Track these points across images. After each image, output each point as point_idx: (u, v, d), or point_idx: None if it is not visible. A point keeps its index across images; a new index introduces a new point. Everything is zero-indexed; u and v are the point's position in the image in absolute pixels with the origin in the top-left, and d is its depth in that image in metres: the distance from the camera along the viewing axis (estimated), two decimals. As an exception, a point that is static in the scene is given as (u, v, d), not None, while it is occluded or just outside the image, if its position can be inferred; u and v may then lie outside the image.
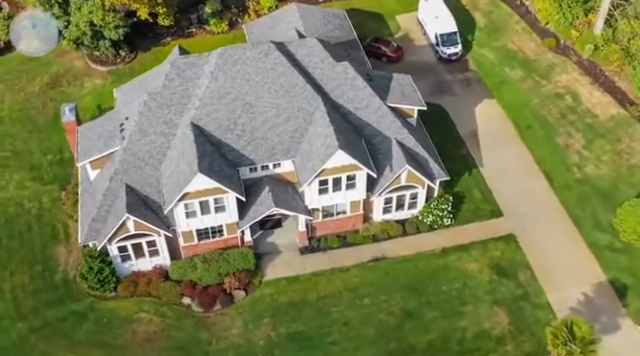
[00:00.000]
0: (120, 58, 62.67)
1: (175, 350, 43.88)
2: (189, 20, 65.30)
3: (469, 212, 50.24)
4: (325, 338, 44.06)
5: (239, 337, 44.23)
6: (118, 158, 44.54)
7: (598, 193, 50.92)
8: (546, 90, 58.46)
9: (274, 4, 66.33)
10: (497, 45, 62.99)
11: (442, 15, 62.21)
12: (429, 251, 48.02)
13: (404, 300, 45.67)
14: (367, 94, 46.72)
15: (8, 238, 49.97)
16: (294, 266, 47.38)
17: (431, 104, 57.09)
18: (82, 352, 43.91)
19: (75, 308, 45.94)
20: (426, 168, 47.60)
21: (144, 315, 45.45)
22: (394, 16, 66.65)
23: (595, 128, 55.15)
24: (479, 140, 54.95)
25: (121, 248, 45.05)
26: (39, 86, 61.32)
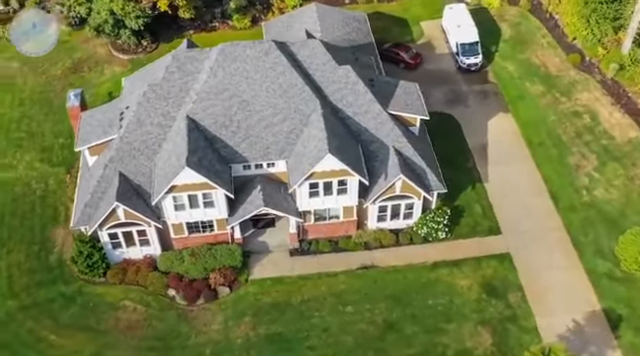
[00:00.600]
0: (142, 47, 63.52)
1: (155, 340, 44.20)
2: (212, 14, 65.72)
3: (467, 227, 49.10)
4: (303, 342, 43.72)
5: (218, 333, 44.28)
6: (114, 146, 45.12)
7: (604, 218, 49.07)
8: (565, 108, 56.66)
9: (298, 3, 66.17)
10: (520, 58, 61.36)
11: (464, 24, 60.97)
12: (420, 263, 47.15)
13: (388, 311, 44.95)
14: (367, 100, 46.11)
15: (11, 216, 51.21)
16: (282, 267, 47.17)
17: (443, 114, 56.66)
18: (66, 334, 44.63)
19: (64, 290, 46.76)
20: (423, 179, 46.72)
21: (129, 303, 45.94)
22: (419, 22, 65.69)
23: (610, 150, 53.16)
24: (488, 154, 53.65)
25: (112, 235, 45.64)
26: (61, 70, 62.72)
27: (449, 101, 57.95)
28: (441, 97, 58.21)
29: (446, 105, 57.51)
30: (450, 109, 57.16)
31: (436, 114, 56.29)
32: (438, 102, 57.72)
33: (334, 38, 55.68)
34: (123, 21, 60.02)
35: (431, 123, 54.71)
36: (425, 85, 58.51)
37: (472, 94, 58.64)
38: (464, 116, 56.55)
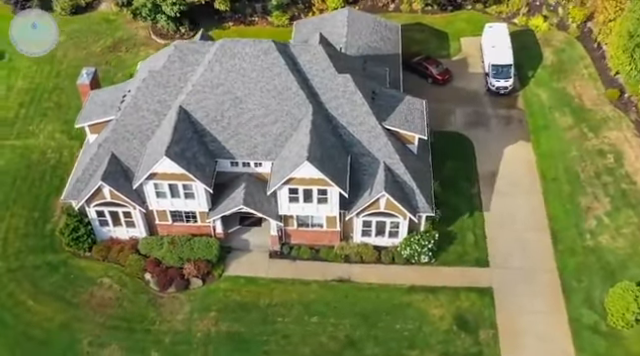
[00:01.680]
0: (179, 34, 64.78)
1: (121, 320, 45.05)
2: (254, 8, 66.15)
3: (454, 254, 47.30)
4: (261, 346, 43.45)
5: (181, 323, 44.67)
6: (111, 127, 46.29)
7: (603, 267, 46.03)
8: (590, 144, 53.47)
9: (340, 5, 65.56)
10: (556, 86, 58.36)
11: (500, 45, 58.57)
12: (397, 284, 45.84)
13: (352, 328, 43.97)
14: (363, 111, 45.13)
15: (22, 181, 53.46)
16: (258, 268, 47.03)
17: (460, 135, 54.84)
18: (43, 301, 46.17)
19: (51, 259, 48.36)
20: (410, 199, 45.32)
21: (107, 280, 47.05)
22: (459, 38, 63.66)
23: (628, 196, 49.73)
24: (496, 182, 51.42)
25: (99, 212, 46.87)
26: (101, 48, 64.94)
27: (470, 123, 55.91)
28: (462, 118, 56.26)
29: (465, 126, 55.55)
30: (469, 131, 55.16)
31: (453, 134, 54.89)
32: (458, 122, 55.86)
33: (358, 44, 55.06)
34: (161, 6, 61.40)
35: (444, 143, 53.72)
36: (449, 103, 57.43)
37: (496, 118, 56.31)
38: (481, 140, 54.40)
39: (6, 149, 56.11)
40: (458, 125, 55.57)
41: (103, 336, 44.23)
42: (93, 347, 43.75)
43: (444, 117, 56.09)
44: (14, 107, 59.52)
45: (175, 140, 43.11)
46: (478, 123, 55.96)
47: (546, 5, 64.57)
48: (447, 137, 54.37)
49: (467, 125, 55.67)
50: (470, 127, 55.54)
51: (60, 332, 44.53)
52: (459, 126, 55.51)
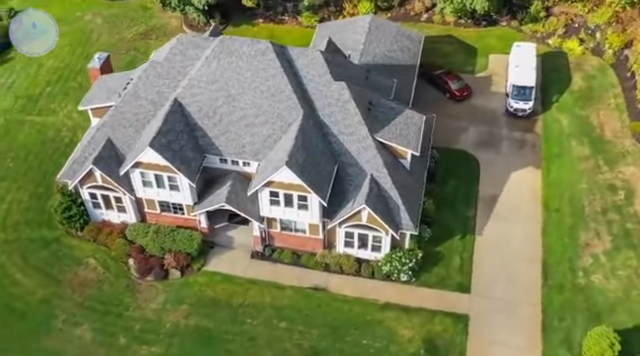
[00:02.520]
0: (209, 26, 65.45)
1: (98, 302, 45.94)
2: (285, 7, 66.17)
3: (436, 276, 45.96)
4: (225, 344, 43.45)
5: (154, 313, 45.19)
6: (110, 113, 47.25)
7: (589, 308, 43.75)
8: (602, 178, 50.91)
9: (371, 11, 64.76)
10: (579, 114, 55.82)
11: (524, 65, 56.45)
12: (371, 300, 44.94)
13: (319, 338, 43.40)
14: (355, 121, 44.40)
15: (34, 156, 55.36)
16: (237, 266, 47.04)
17: (468, 155, 53.28)
18: (29, 274, 47.58)
19: (45, 235, 49.81)
20: (394, 215, 44.30)
21: (93, 262, 48.10)
22: (488, 54, 61.76)
23: (631, 236, 47.09)
24: (495, 207, 49.61)
25: (92, 195, 47.91)
26: (133, 34, 66.45)
27: (481, 143, 54.17)
28: (474, 137, 54.58)
29: (475, 146, 53.86)
30: (478, 151, 53.46)
31: (460, 153, 53.39)
32: (469, 141, 54.21)
33: (375, 52, 54.29)
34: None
35: (449, 161, 52.49)
36: (464, 121, 56.00)
37: (509, 141, 54.35)
38: (489, 162, 52.62)
39: (26, 124, 58.21)
40: (468, 144, 53.94)
41: (78, 315, 45.26)
42: (66, 325, 44.82)
43: (455, 134, 54.60)
44: (41, 84, 61.64)
45: (163, 132, 43.60)
46: (489, 144, 54.15)
47: (584, 28, 61.89)
48: (454, 155, 52.89)
49: (477, 145, 53.96)
50: (480, 147, 53.81)
51: (39, 306, 45.83)
52: (469, 145, 53.87)
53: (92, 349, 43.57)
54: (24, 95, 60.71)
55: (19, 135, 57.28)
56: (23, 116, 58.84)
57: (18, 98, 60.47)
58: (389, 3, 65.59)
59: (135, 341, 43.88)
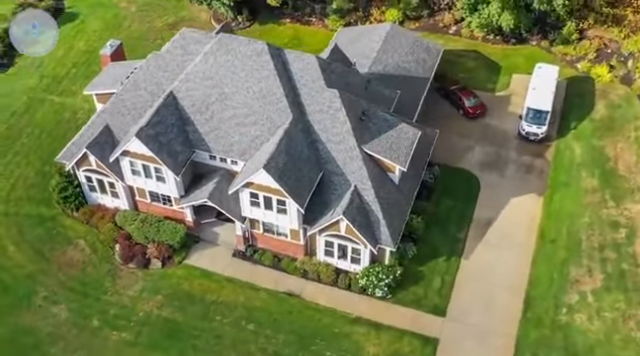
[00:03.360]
0: (236, 22, 65.97)
1: (79, 283, 46.88)
2: (312, 9, 65.93)
3: (413, 295, 44.90)
4: (192, 340, 43.66)
5: (129, 300, 45.81)
6: (111, 100, 48.17)
7: (566, 347, 41.83)
8: (606, 213, 48.59)
9: (398, 19, 63.80)
10: (594, 144, 53.44)
11: (542, 88, 54.45)
12: (343, 312, 44.29)
13: (283, 345, 43.09)
14: (344, 130, 43.80)
15: (47, 135, 57.01)
16: (217, 263, 47.19)
17: (470, 175, 51.88)
18: (22, 249, 48.93)
19: (43, 212, 51.15)
20: (374, 229, 43.52)
21: (82, 243, 49.14)
22: (512, 73, 59.88)
23: (625, 278, 44.75)
24: (487, 231, 48.10)
25: (87, 178, 48.99)
26: (162, 24, 67.61)
27: (486, 163, 52.58)
28: (481, 157, 53.03)
29: (480, 166, 52.33)
30: (481, 172, 51.93)
31: (462, 172, 52.05)
32: (474, 161, 52.71)
33: (387, 62, 53.53)
34: (215, -7, 62.93)
35: (449, 180, 51.44)
36: (472, 139, 54.70)
37: (516, 165, 52.54)
38: (490, 184, 51.03)
39: (46, 103, 60.04)
40: (472, 163, 52.46)
41: (58, 294, 46.33)
42: (46, 302, 45.92)
43: (461, 152, 53.21)
44: (67, 66, 63.45)
45: (152, 123, 44.14)
46: (494, 166, 52.50)
47: (617, 55, 59.24)
48: (455, 173, 51.59)
49: (482, 165, 52.42)
50: (484, 168, 52.25)
51: (24, 281, 47.14)
52: (473, 165, 52.39)
53: (65, 329, 44.53)
54: (50, 75, 62.66)
55: (38, 113, 59.14)
56: (45, 95, 60.73)
57: (44, 77, 62.44)
58: (418, 13, 64.47)
59: (107, 325, 44.61)
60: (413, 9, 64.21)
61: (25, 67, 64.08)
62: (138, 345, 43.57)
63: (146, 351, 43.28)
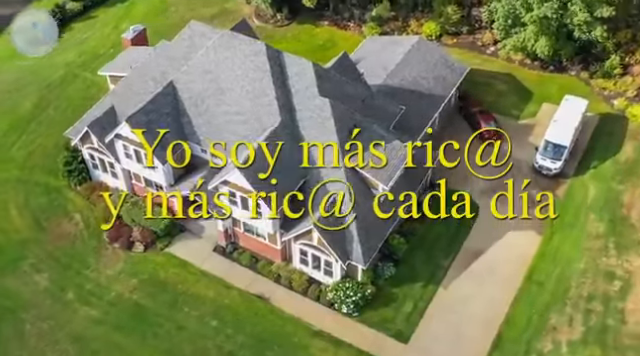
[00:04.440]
0: (275, 19, 66.12)
1: (65, 255, 48.21)
2: (352, 14, 65.14)
3: (379, 317, 43.69)
4: (154, 327, 44.13)
5: (106, 279, 46.77)
6: (120, 82, 49.39)
7: (526, 396, 39.76)
8: (604, 262, 45.62)
9: (435, 34, 62.11)
10: (612, 187, 50.19)
11: (565, 122, 51.67)
12: (307, 323, 43.68)
13: (241, 346, 42.94)
14: (331, 140, 43.03)
15: (72, 109, 58.05)
16: (197, 256, 47.50)
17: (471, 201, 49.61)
18: (23, 215, 50.73)
19: (51, 183, 52.73)
20: (346, 245, 42.65)
21: (78, 217, 50.63)
22: (543, 102, 57.07)
23: (606, 334, 41.89)
24: (474, 262, 46.19)
25: (91, 156, 50.42)
26: (208, 14, 68.34)
27: (490, 191, 50.11)
28: (487, 184, 50.67)
29: (482, 194, 50.15)
30: (481, 200, 49.78)
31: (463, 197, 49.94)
32: (477, 187, 50.52)
33: (404, 75, 52.36)
34: (256, -10, 63.18)
35: (446, 203, 49.28)
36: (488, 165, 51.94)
37: (521, 197, 50.08)
38: (490, 213, 48.80)
39: (79, 79, 62.18)
40: (475, 190, 50.38)
41: (44, 263, 47.92)
42: (31, 269, 47.55)
43: (467, 176, 51.12)
44: (107, 45, 65.45)
45: (146, 110, 44.95)
46: (499, 199, 49.88)
47: (661, 95, 55.53)
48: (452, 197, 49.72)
49: (484, 193, 50.20)
50: (487, 196, 49.99)
51: (17, 246, 49.00)
52: (475, 191, 50.32)
53: (41, 297, 46.03)
54: (89, 52, 64.88)
55: (69, 87, 61.30)
56: (80, 71, 62.87)
57: (83, 54, 64.70)
58: (457, 29, 62.54)
59: (80, 300, 45.79)
60: (453, 24, 62.34)
61: (69, 42, 66.76)
62: (103, 324, 44.56)
63: (109, 331, 44.21)
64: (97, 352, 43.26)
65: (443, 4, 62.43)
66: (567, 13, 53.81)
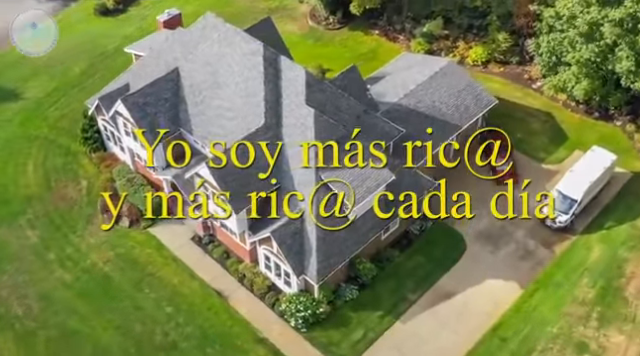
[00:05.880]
0: (328, 22, 65.57)
1: (59, 217, 50.20)
2: (403, 27, 63.37)
3: (327, 339, 42.58)
4: (115, 301, 45.19)
5: (88, 247, 48.32)
6: (137, 62, 50.91)
7: None
8: (580, 331, 42.01)
9: (481, 59, 59.26)
10: (619, 255, 45.95)
11: (581, 174, 47.79)
12: (255, 328, 43.39)
13: (186, 337, 43.16)
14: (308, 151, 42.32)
15: (99, 79, 60.28)
16: (174, 241, 48.17)
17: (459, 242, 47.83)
18: (37, 172, 53.29)
19: (71, 146, 54.86)
20: (303, 259, 41.83)
21: (83, 184, 52.71)
22: (576, 148, 52.90)
23: (557, 407, 38.66)
24: (441, 303, 43.90)
25: (104, 127, 52.52)
26: (266, 8, 68.72)
27: (485, 234, 47.57)
28: (484, 225, 48.00)
29: (476, 235, 47.52)
30: (473, 241, 47.20)
31: (454, 235, 47.71)
32: (474, 227, 47.89)
33: (419, 98, 50.22)
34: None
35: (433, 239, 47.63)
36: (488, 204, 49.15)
37: (516, 246, 46.95)
38: (476, 257, 46.27)
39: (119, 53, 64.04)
40: (469, 230, 47.75)
41: (39, 221, 50.27)
42: (27, 224, 49.92)
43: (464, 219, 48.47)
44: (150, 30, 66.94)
45: (144, 92, 46.09)
46: (493, 239, 47.31)
47: None
48: (446, 234, 47.51)
49: (479, 234, 47.52)
50: (480, 238, 47.36)
51: (21, 200, 51.67)
52: (469, 232, 47.70)
53: (26, 251, 48.42)
54: (147, 29, 65.51)
55: (119, 59, 63.18)
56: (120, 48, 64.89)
57: (141, 29, 66.06)
58: (506, 58, 59.34)
59: (57, 262, 47.76)
60: (502, 52, 59.24)
61: (133, 17, 69.53)
62: (71, 288, 46.32)
63: (74, 296, 45.87)
64: (57, 313, 45.05)
65: (497, 30, 59.51)
66: (613, 58, 49.65)
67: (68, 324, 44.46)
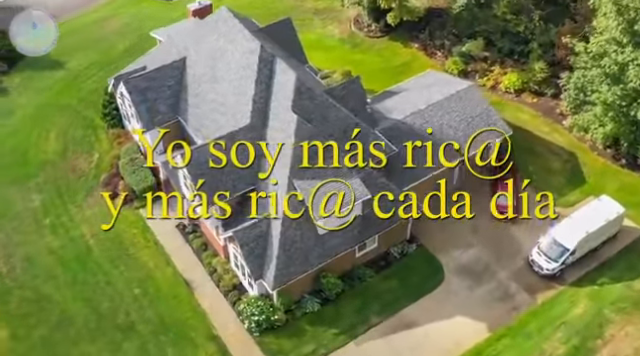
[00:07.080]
0: (369, 29, 64.58)
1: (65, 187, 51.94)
2: (443, 44, 61.41)
3: (277, 347, 42.15)
4: (90, 275, 46.41)
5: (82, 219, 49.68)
6: (157, 46, 52.15)
7: None
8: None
9: (514, 87, 56.59)
10: (605, 315, 42.75)
11: (580, 221, 44.81)
12: (211, 325, 43.51)
13: (145, 320, 43.88)
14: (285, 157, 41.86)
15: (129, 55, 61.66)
16: (160, 226, 48.59)
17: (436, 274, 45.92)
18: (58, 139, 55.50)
19: (95, 119, 56.57)
20: (263, 264, 41.60)
21: (96, 157, 54.39)
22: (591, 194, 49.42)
23: None
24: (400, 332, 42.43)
25: (121, 104, 54.10)
26: (313, 8, 68.18)
27: (467, 269, 45.52)
28: (468, 260, 46.00)
29: (457, 269, 45.58)
30: (453, 274, 45.32)
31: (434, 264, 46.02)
32: (457, 260, 46.00)
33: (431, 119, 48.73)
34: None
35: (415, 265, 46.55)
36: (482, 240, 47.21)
37: (496, 287, 44.59)
38: (450, 290, 44.44)
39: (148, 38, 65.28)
40: (450, 265, 45.75)
41: (46, 186, 52.46)
42: (34, 187, 52.20)
43: (453, 246, 46.72)
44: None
45: (147, 77, 47.28)
46: (473, 276, 45.15)
47: None
48: (426, 262, 45.94)
49: (461, 268, 45.58)
50: (460, 272, 45.40)
51: (37, 164, 53.98)
52: (450, 266, 45.68)
53: (26, 215, 50.47)
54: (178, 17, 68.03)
55: (146, 44, 64.74)
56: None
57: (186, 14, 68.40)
58: (541, 89, 56.39)
59: (51, 229, 49.59)
60: (538, 83, 56.35)
61: (183, 1, 70.93)
62: (54, 255, 48.09)
63: (54, 263, 47.59)
64: (36, 277, 46.92)
65: (538, 58, 56.68)
66: (637, 105, 46.22)
67: (43, 289, 46.26)
